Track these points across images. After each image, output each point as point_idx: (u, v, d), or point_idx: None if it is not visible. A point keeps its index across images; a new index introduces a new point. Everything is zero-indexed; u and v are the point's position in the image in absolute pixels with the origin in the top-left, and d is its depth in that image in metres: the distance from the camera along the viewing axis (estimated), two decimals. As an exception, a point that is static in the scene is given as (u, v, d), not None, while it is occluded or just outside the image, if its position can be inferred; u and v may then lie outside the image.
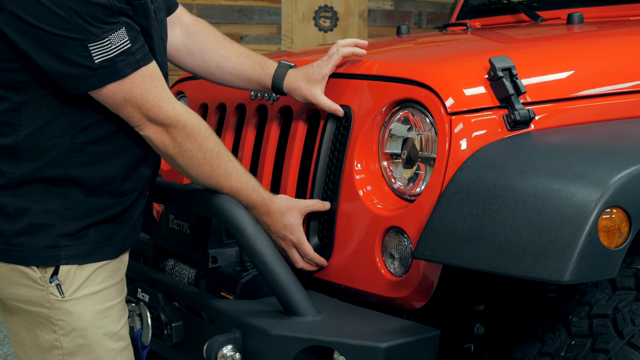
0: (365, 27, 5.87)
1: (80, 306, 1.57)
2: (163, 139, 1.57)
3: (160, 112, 1.53)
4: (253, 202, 1.73)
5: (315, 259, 1.82)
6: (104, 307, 1.60)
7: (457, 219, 1.49)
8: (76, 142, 1.52)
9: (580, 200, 1.38)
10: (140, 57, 1.49)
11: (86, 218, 1.55)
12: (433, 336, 1.58)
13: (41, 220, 1.52)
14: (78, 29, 1.40)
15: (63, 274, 1.54)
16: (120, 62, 1.46)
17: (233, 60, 1.93)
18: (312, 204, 1.82)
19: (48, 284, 1.54)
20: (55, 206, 1.53)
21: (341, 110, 1.83)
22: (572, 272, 1.34)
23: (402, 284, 1.69)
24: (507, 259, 1.41)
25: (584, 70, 1.86)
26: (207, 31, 1.95)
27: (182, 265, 2.03)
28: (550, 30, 2.42)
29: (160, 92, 1.53)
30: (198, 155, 1.61)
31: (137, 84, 1.49)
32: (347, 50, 1.90)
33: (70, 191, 1.54)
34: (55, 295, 1.54)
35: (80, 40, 1.41)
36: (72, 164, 1.52)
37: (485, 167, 1.53)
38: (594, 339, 1.51)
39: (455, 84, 1.67)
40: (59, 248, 1.53)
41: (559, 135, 1.66)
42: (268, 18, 5.55)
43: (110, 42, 1.44)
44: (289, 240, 1.81)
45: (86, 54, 1.42)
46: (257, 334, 1.60)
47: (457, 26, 2.79)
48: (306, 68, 1.89)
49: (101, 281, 1.59)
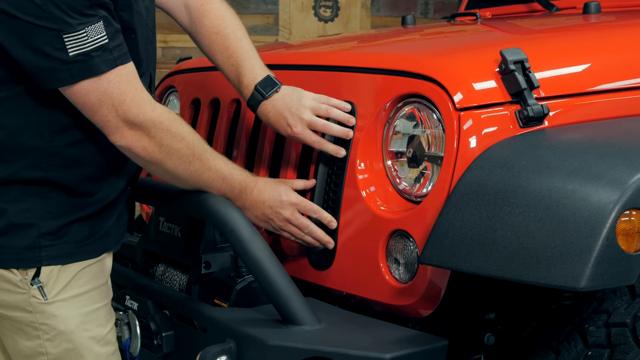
0: (368, 17, 5.87)
1: (65, 308, 1.58)
2: (145, 144, 1.55)
3: (141, 113, 1.53)
4: (245, 184, 1.74)
5: (321, 214, 1.80)
6: (89, 309, 1.61)
7: (466, 222, 1.49)
8: (55, 145, 1.53)
9: (598, 201, 1.38)
10: (117, 55, 1.49)
11: (66, 216, 1.57)
12: (441, 346, 1.58)
13: (19, 220, 1.53)
14: (53, 18, 1.41)
15: (45, 276, 1.55)
16: (96, 58, 1.45)
17: (220, 68, 1.94)
18: (297, 181, 1.84)
19: (29, 286, 1.54)
20: (33, 206, 1.54)
21: (334, 149, 1.81)
22: (589, 278, 1.34)
23: (408, 291, 1.69)
24: (519, 264, 1.41)
25: (601, 63, 1.86)
26: (203, 20, 1.92)
27: (173, 270, 2.03)
28: (566, 21, 2.42)
29: (139, 93, 1.53)
30: (187, 153, 1.61)
31: (113, 83, 1.49)
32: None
33: (50, 191, 1.55)
34: (37, 298, 1.55)
35: (54, 30, 1.41)
36: (52, 167, 1.54)
37: (496, 167, 1.53)
38: (612, 349, 1.51)
39: (464, 77, 1.67)
40: (40, 249, 1.54)
41: (575, 133, 1.66)
42: (265, 7, 5.55)
43: (87, 35, 1.44)
44: (289, 204, 1.79)
45: (60, 45, 1.42)
46: (253, 344, 1.60)
47: (466, 16, 2.79)
48: (287, 96, 1.85)
49: (85, 283, 1.60)
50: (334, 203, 1.82)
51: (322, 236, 1.81)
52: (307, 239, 1.82)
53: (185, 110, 2.35)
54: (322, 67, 2.00)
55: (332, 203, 1.83)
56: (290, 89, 1.86)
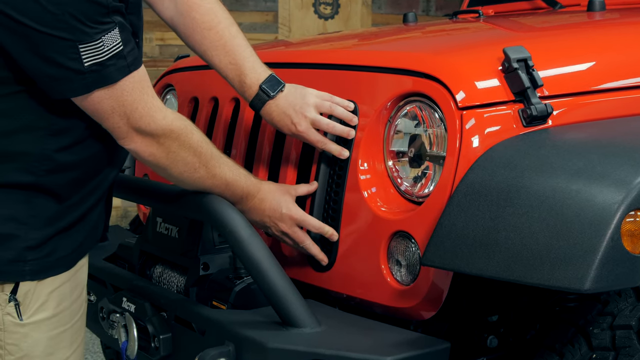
0: (369, 15, 5.87)
1: (37, 331, 1.54)
2: (153, 150, 1.56)
3: (152, 122, 1.52)
4: (247, 191, 1.74)
5: (322, 229, 1.80)
6: (57, 332, 1.58)
7: (469, 223, 1.49)
8: (47, 149, 1.50)
9: (602, 202, 1.38)
10: (131, 60, 1.46)
11: (50, 226, 1.53)
12: (443, 349, 1.58)
13: (4, 230, 1.48)
14: (69, 28, 1.36)
15: (22, 293, 1.51)
16: (111, 66, 1.43)
17: (215, 67, 1.90)
18: (300, 187, 1.84)
19: (6, 303, 1.50)
20: (18, 213, 1.49)
21: (338, 150, 1.81)
22: (593, 280, 1.34)
23: (410, 293, 1.69)
24: (522, 265, 1.41)
25: (606, 62, 1.86)
26: (193, 14, 1.87)
27: (170, 272, 2.03)
28: (570, 18, 2.42)
29: (150, 100, 1.51)
30: (194, 161, 1.62)
31: (127, 91, 1.47)
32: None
33: (37, 197, 1.51)
34: (12, 317, 1.51)
35: (70, 40, 1.37)
36: (42, 171, 1.50)
37: (499, 167, 1.53)
38: (617, 352, 1.51)
39: (466, 76, 1.67)
40: (24, 262, 1.50)
41: (579, 132, 1.66)
42: (264, 5, 5.55)
43: (103, 44, 1.40)
44: (288, 218, 1.80)
45: (75, 55, 1.39)
46: (252, 347, 1.60)
47: (468, 13, 2.79)
48: (290, 94, 1.84)
49: (58, 303, 1.57)
50: (336, 204, 1.82)
51: (317, 253, 1.83)
52: (301, 250, 1.85)
53: (183, 108, 2.35)
54: (322, 65, 2.00)
55: (333, 204, 1.83)
56: (293, 86, 1.86)
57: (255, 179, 1.78)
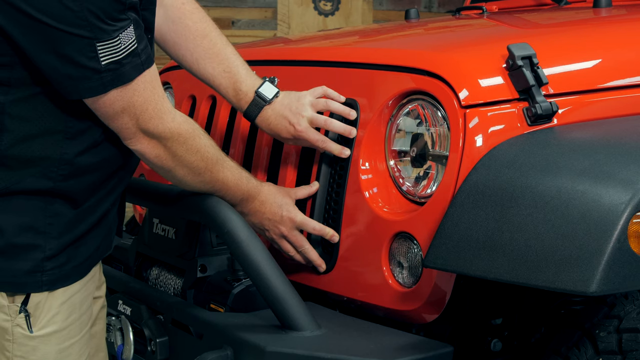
0: (370, 11, 5.87)
1: (47, 344, 1.54)
2: (159, 152, 1.56)
3: (160, 124, 1.52)
4: (248, 194, 1.75)
5: (323, 231, 1.81)
6: (66, 345, 1.58)
7: (472, 224, 1.49)
8: (66, 153, 1.49)
9: (608, 202, 1.38)
10: (144, 58, 1.46)
11: (68, 233, 1.52)
12: (445, 353, 1.58)
13: (22, 241, 1.48)
14: (88, 25, 1.36)
15: (33, 304, 1.51)
16: (127, 65, 1.42)
17: (207, 76, 1.90)
18: (300, 190, 1.85)
19: (16, 314, 1.50)
20: (35, 221, 1.49)
21: (338, 149, 1.81)
22: (599, 282, 1.34)
23: (412, 296, 1.69)
24: (527, 267, 1.41)
25: (612, 59, 1.86)
26: (186, 21, 1.89)
27: (167, 274, 2.03)
28: (575, 14, 2.42)
29: (160, 101, 1.52)
30: (199, 165, 1.63)
31: (138, 91, 1.47)
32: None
33: (53, 203, 1.50)
34: (22, 329, 1.51)
35: (88, 38, 1.36)
36: (60, 176, 1.49)
37: (503, 166, 1.53)
38: (624, 355, 1.51)
39: (469, 74, 1.68)
40: (42, 273, 1.50)
41: (585, 131, 1.66)
42: (263, 1, 5.55)
43: (120, 42, 1.40)
44: (288, 221, 1.81)
45: (92, 54, 1.38)
46: (251, 351, 1.60)
47: (471, 10, 2.79)
48: (285, 98, 1.86)
49: (68, 315, 1.57)
50: (336, 205, 1.83)
51: (315, 258, 1.84)
52: (297, 257, 1.85)
53: (180, 106, 2.35)
54: (323, 62, 2.00)
55: (334, 205, 1.84)
56: (285, 92, 1.88)
57: (256, 181, 1.79)
